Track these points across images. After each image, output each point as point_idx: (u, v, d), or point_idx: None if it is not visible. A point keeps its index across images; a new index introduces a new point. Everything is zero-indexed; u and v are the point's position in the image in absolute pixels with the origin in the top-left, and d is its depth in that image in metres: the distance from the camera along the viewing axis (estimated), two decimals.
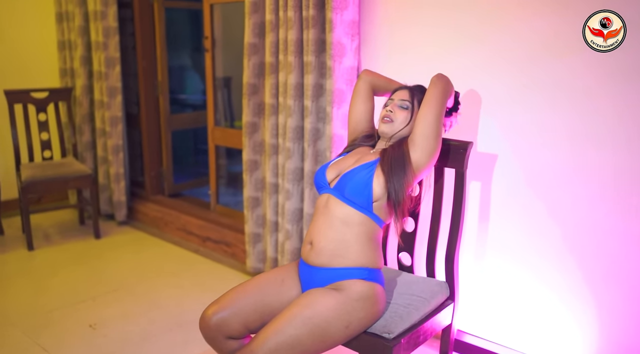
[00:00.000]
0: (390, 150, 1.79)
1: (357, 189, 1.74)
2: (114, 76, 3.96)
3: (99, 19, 3.89)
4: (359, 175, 1.75)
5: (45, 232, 4.07)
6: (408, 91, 1.91)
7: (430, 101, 1.79)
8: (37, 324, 2.74)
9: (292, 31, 2.67)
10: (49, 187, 3.71)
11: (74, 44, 4.15)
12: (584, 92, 1.92)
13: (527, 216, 2.16)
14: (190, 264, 3.51)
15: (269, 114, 2.89)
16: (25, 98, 3.92)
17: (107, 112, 4.02)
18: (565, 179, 2.03)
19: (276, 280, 1.85)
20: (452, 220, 1.97)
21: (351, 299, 1.70)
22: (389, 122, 1.87)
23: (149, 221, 4.18)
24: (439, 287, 1.99)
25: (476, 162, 2.25)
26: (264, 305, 1.79)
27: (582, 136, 1.96)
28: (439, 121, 1.77)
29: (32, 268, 3.50)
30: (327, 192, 1.83)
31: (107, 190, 4.24)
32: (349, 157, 1.91)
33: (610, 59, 1.79)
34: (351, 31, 2.54)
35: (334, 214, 1.76)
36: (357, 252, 1.75)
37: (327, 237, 1.76)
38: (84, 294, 3.07)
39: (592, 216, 1.98)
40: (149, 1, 4.14)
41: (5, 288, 3.16)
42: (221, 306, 1.76)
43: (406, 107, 1.87)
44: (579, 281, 2.05)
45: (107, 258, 3.61)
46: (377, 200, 1.74)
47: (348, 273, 1.74)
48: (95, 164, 4.31)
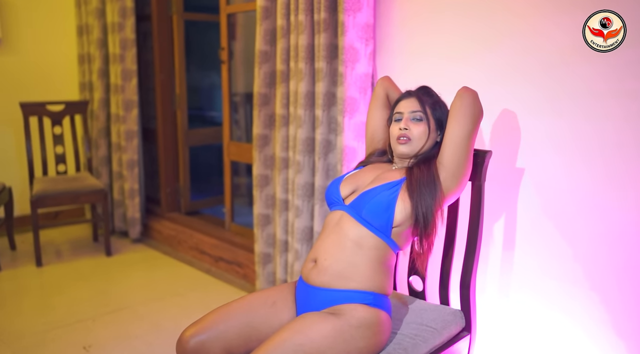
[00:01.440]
0: (417, 171, 1.58)
1: (377, 211, 1.54)
2: (131, 89, 3.87)
3: (116, 31, 3.81)
4: (380, 195, 1.55)
5: (57, 248, 3.96)
6: (416, 98, 1.68)
7: (459, 117, 1.59)
8: (30, 344, 2.59)
9: (302, 36, 2.50)
10: (59, 202, 3.60)
11: (93, 57, 4.09)
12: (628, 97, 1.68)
13: (556, 243, 1.90)
14: (200, 285, 3.33)
15: (279, 126, 2.71)
16: (41, 111, 3.86)
17: (122, 126, 3.92)
18: (599, 198, 1.77)
19: (266, 301, 1.63)
20: (469, 239, 1.73)
21: (350, 326, 1.48)
22: (406, 142, 1.65)
23: (163, 239, 4.03)
24: (452, 316, 1.75)
25: (500, 177, 2.02)
26: (250, 329, 1.57)
27: (615, 147, 1.71)
28: (470, 141, 1.58)
29: (37, 284, 3.38)
30: (340, 209, 1.63)
31: (121, 206, 4.12)
32: (367, 171, 1.72)
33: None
34: (365, 35, 2.35)
35: (346, 234, 1.57)
36: (364, 276, 1.54)
37: (334, 256, 1.56)
38: (84, 314, 2.91)
39: (623, 245, 1.72)
40: (168, 14, 4.05)
41: (6, 304, 3.04)
42: (201, 328, 1.54)
43: (420, 118, 1.65)
44: (625, 335, 1.78)
45: (115, 277, 3.47)
46: (397, 225, 1.55)
47: (350, 296, 1.53)
48: (111, 180, 4.20)
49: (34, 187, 3.62)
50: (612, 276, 1.77)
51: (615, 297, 1.77)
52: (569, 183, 1.85)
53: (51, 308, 3.00)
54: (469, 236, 1.73)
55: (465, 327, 1.77)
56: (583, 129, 1.79)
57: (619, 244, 1.74)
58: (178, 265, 3.66)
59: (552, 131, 1.87)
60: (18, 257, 3.75)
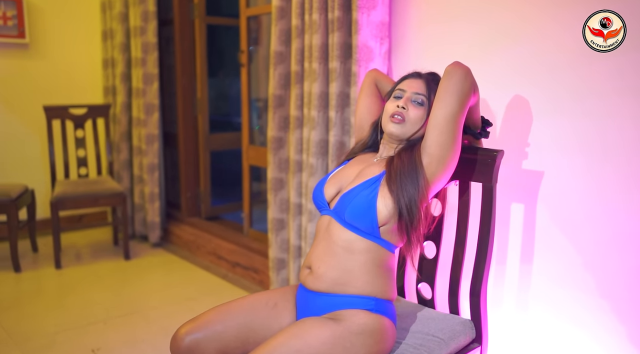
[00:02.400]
0: (398, 160, 1.46)
1: (359, 213, 1.43)
2: (152, 93, 3.86)
3: (138, 35, 3.82)
4: (360, 196, 1.44)
5: (78, 251, 3.97)
6: (424, 81, 1.56)
7: (445, 97, 1.44)
8: (39, 345, 2.57)
9: (316, 35, 2.44)
10: (79, 204, 3.61)
11: (116, 61, 4.11)
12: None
13: (578, 254, 1.78)
14: (215, 291, 3.28)
15: (294, 128, 2.65)
16: (64, 114, 3.88)
17: (143, 130, 3.92)
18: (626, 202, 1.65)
19: (267, 303, 1.55)
20: (479, 245, 1.63)
21: (350, 333, 1.39)
22: (400, 122, 1.52)
23: (182, 244, 4.00)
24: (462, 326, 1.64)
25: (517, 181, 1.91)
26: (248, 330, 1.49)
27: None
28: (457, 122, 1.44)
29: (54, 286, 3.38)
30: (327, 214, 1.54)
31: (142, 210, 4.11)
32: (351, 167, 1.61)
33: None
34: (380, 34, 2.27)
35: (335, 241, 1.48)
36: (363, 281, 1.45)
37: (327, 264, 1.48)
38: (97, 317, 2.88)
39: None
40: (190, 18, 4.04)
41: (22, 305, 3.04)
42: (197, 326, 1.47)
43: (421, 102, 1.53)
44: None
45: (131, 280, 3.44)
46: (384, 224, 1.44)
47: (351, 302, 1.44)
48: (132, 183, 4.20)
49: (55, 190, 3.63)
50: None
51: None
52: (592, 187, 1.74)
53: (64, 309, 2.98)
54: (480, 240, 1.62)
55: (475, 338, 1.67)
56: (607, 129, 1.68)
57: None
58: (195, 270, 3.62)
59: (576, 132, 1.76)
60: (39, 259, 3.77)
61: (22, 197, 3.59)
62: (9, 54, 4.08)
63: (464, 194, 1.67)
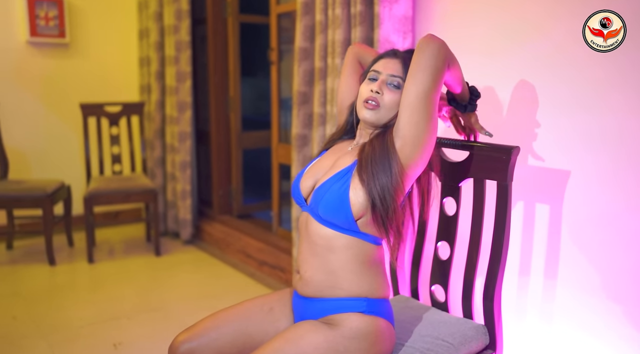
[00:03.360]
0: (369, 147, 1.37)
1: (332, 208, 1.35)
2: (185, 91, 3.89)
3: (172, 34, 3.86)
4: (331, 190, 1.36)
5: (111, 246, 4.03)
6: (400, 61, 1.44)
7: (417, 74, 1.32)
8: (64, 338, 2.61)
9: (339, 31, 2.39)
10: (111, 200, 3.66)
11: (151, 60, 4.16)
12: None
13: (606, 263, 1.67)
14: (241, 289, 3.27)
15: (317, 125, 2.61)
16: (99, 111, 3.96)
17: (176, 128, 3.95)
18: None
19: (263, 308, 1.52)
20: (493, 246, 1.54)
21: (344, 338, 1.34)
22: (374, 108, 1.41)
23: (213, 242, 4.01)
24: (474, 331, 1.56)
25: (542, 181, 1.81)
26: (245, 336, 1.47)
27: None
28: (430, 100, 1.33)
29: (85, 280, 3.44)
30: (304, 210, 1.47)
31: (174, 207, 4.15)
32: (327, 158, 1.52)
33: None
34: (403, 28, 2.21)
35: (314, 240, 1.41)
36: (349, 281, 1.39)
37: (312, 266, 1.42)
38: (122, 312, 2.91)
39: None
40: (223, 16, 4.06)
41: (52, 298, 3.10)
42: (193, 335, 1.46)
43: (397, 85, 1.41)
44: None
45: (159, 277, 3.47)
46: (359, 217, 1.35)
47: (341, 305, 1.39)
48: (165, 181, 4.24)
49: (89, 186, 3.70)
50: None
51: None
52: (618, 189, 1.63)
53: (92, 303, 3.03)
54: (494, 241, 1.54)
55: (489, 344, 1.58)
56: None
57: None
58: (223, 268, 3.62)
59: (600, 129, 1.66)
60: (74, 254, 3.85)
61: (57, 193, 3.67)
62: (50, 53, 4.18)
63: (478, 192, 1.59)
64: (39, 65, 4.15)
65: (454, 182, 1.64)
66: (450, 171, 1.65)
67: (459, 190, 1.64)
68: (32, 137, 4.16)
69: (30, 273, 3.48)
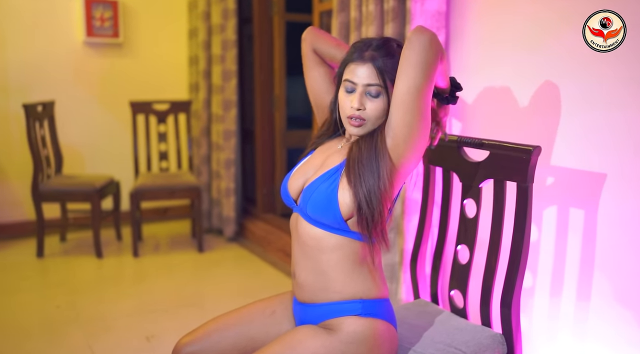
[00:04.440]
0: (356, 148, 1.32)
1: (320, 208, 1.31)
2: (230, 89, 3.93)
3: (218, 33, 3.91)
4: (319, 189, 1.32)
5: (157, 241, 4.12)
6: (372, 66, 1.31)
7: (407, 70, 1.24)
8: (100, 328, 2.68)
9: (372, 27, 2.34)
10: (155, 196, 3.75)
11: (199, 59, 4.23)
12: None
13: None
14: (277, 288, 3.26)
15: None
16: (148, 109, 4.06)
17: (221, 126, 4.00)
18: None
19: (265, 311, 1.51)
20: (512, 250, 1.46)
21: (341, 343, 1.31)
22: (360, 125, 1.33)
23: (256, 240, 4.03)
24: (490, 340, 1.48)
25: (575, 184, 1.71)
26: (246, 339, 1.46)
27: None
28: (423, 98, 1.26)
29: (128, 274, 3.53)
30: (295, 210, 1.44)
31: (219, 205, 4.20)
32: (316, 157, 1.46)
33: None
34: (436, 24, 2.14)
35: (305, 241, 1.38)
36: (342, 283, 1.35)
37: (304, 268, 1.39)
38: (158, 305, 2.97)
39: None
40: (269, 15, 4.08)
41: (96, 289, 3.20)
42: (195, 338, 1.47)
43: (376, 94, 1.32)
44: None
45: (200, 273, 3.52)
46: (350, 217, 1.31)
47: (337, 309, 1.35)
48: (210, 178, 4.30)
49: (135, 182, 3.80)
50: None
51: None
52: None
53: (131, 296, 3.10)
54: (513, 245, 1.46)
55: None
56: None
57: None
58: (263, 266, 3.63)
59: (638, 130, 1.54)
60: (121, 247, 3.96)
61: (106, 188, 3.78)
62: (105, 52, 4.33)
63: (498, 194, 1.51)
64: (93, 65, 4.30)
65: (474, 183, 1.57)
66: (470, 171, 1.58)
67: (480, 191, 1.57)
68: (85, 134, 4.31)
69: (79, 264, 3.60)
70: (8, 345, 2.52)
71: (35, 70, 4.12)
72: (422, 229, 1.77)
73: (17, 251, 3.84)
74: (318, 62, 1.55)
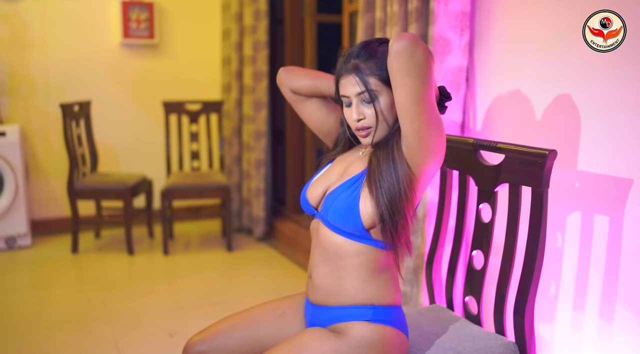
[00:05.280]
0: (375, 159, 1.31)
1: (341, 216, 1.31)
2: (261, 90, 3.96)
3: (250, 34, 3.94)
4: (340, 198, 1.32)
5: (188, 240, 4.18)
6: (355, 74, 1.31)
7: (402, 81, 1.20)
8: (126, 324, 2.74)
9: (396, 28, 2.32)
10: (185, 195, 3.81)
11: (231, 59, 4.27)
12: None
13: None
14: (303, 289, 3.27)
15: None
16: (180, 109, 4.12)
17: (252, 126, 4.03)
18: None
19: (274, 312, 1.51)
20: (527, 256, 1.43)
21: (349, 347, 1.30)
22: (368, 133, 1.34)
23: (285, 240, 4.05)
24: (503, 349, 1.45)
25: (600, 190, 1.65)
26: (254, 340, 1.47)
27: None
28: (426, 101, 1.21)
29: (158, 271, 3.60)
30: (316, 216, 1.44)
31: (249, 205, 4.23)
32: (336, 165, 1.46)
33: None
34: (460, 24, 2.10)
35: (325, 246, 1.37)
36: (356, 288, 1.34)
37: (321, 271, 1.39)
38: (185, 303, 3.01)
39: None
40: (300, 16, 4.09)
41: (126, 285, 3.27)
42: (204, 338, 1.48)
43: (369, 99, 1.31)
44: None
45: (227, 272, 3.56)
46: (372, 226, 1.30)
47: (346, 314, 1.35)
48: (241, 178, 4.34)
49: (167, 181, 3.86)
50: None
51: None
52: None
53: (158, 293, 3.16)
54: (527, 252, 1.42)
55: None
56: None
57: None
58: (290, 266, 3.64)
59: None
60: (153, 245, 4.03)
61: (138, 187, 3.86)
62: (140, 54, 4.42)
63: (513, 198, 1.47)
64: (129, 65, 4.39)
65: (489, 187, 1.54)
66: (486, 175, 1.55)
67: (495, 195, 1.53)
68: (120, 133, 4.42)
69: (111, 260, 3.69)
70: (39, 336, 2.60)
71: (74, 71, 4.24)
72: (438, 233, 1.74)
73: (53, 246, 3.96)
74: (303, 98, 1.56)
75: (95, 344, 2.54)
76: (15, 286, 3.28)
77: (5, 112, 4.08)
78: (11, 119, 4.11)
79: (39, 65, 4.16)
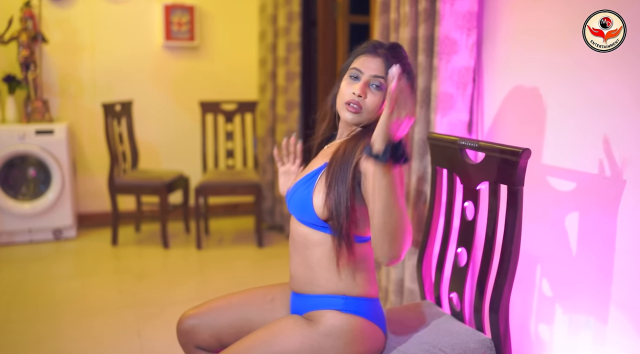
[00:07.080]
0: (337, 154, 1.36)
1: (299, 208, 1.40)
2: (293, 90, 4.04)
3: (283, 35, 4.03)
4: (298, 192, 1.41)
5: (222, 236, 4.31)
6: (382, 59, 1.37)
7: (380, 208, 1.16)
8: (149, 313, 2.87)
9: (406, 29, 2.35)
10: (218, 192, 3.92)
11: (266, 60, 4.38)
12: None
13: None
14: None
15: None
16: (216, 109, 4.26)
17: (284, 126, 4.12)
18: None
19: (265, 297, 1.59)
20: (502, 254, 1.44)
21: (319, 334, 1.35)
22: (356, 112, 1.37)
23: None
24: (477, 344, 1.47)
25: (596, 191, 1.64)
26: (244, 320, 1.55)
27: None
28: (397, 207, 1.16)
29: (189, 264, 3.73)
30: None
31: (281, 203, 4.32)
32: (314, 160, 1.55)
33: None
34: (466, 24, 2.11)
35: (294, 236, 1.47)
36: (325, 278, 1.40)
37: (294, 261, 1.48)
38: (208, 295, 3.11)
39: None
40: (333, 17, 4.14)
41: (157, 276, 3.42)
42: (196, 313, 1.58)
43: (379, 86, 1.36)
44: None
45: (255, 267, 3.66)
46: (327, 219, 1.36)
47: (319, 303, 1.41)
48: (274, 177, 4.43)
49: (201, 178, 4.00)
50: None
51: None
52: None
53: (186, 285, 3.28)
54: (503, 250, 1.43)
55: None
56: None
57: None
58: None
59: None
60: (188, 240, 4.18)
61: (175, 183, 4.02)
62: (181, 55, 4.59)
63: (492, 197, 1.48)
64: (170, 67, 4.57)
65: (472, 185, 1.55)
66: (470, 174, 1.56)
67: (478, 193, 1.55)
68: (161, 132, 4.60)
69: (147, 253, 3.86)
70: (67, 321, 2.77)
71: (119, 72, 4.45)
72: (428, 231, 1.76)
73: (96, 238, 4.17)
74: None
75: (118, 330, 2.68)
76: (59, 274, 3.49)
77: (55, 112, 4.33)
78: (61, 117, 4.35)
79: (87, 67, 4.39)
